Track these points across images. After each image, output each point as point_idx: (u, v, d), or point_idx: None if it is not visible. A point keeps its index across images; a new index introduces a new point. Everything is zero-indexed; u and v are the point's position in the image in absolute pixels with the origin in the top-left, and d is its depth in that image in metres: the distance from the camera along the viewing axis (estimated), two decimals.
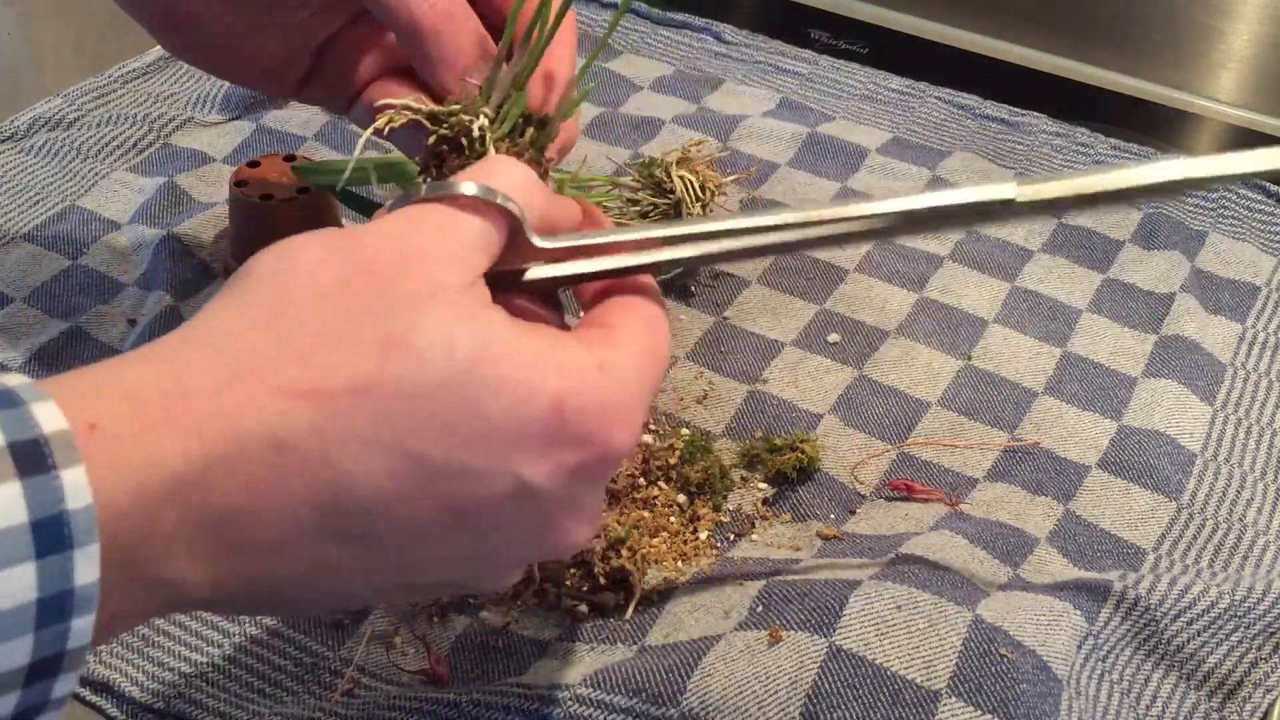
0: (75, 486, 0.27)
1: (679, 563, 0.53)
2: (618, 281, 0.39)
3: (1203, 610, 0.49)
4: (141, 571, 0.29)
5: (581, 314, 0.41)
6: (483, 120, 0.43)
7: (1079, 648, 0.47)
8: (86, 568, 0.27)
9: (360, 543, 0.32)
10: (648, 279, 0.40)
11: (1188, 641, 0.49)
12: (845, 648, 0.44)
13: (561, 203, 0.40)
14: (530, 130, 0.45)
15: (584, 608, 0.50)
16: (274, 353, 0.31)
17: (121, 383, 0.30)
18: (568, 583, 0.51)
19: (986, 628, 0.45)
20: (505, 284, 0.38)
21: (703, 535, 0.54)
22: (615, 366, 0.35)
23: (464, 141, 0.43)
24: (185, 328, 0.32)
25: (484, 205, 0.35)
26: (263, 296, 0.32)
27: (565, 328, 0.38)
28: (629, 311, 0.38)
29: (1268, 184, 0.76)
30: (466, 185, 0.35)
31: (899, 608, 0.45)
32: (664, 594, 0.51)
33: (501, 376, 0.32)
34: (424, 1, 0.44)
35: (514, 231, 0.37)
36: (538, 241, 0.37)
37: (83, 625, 0.28)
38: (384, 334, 0.31)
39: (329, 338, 0.31)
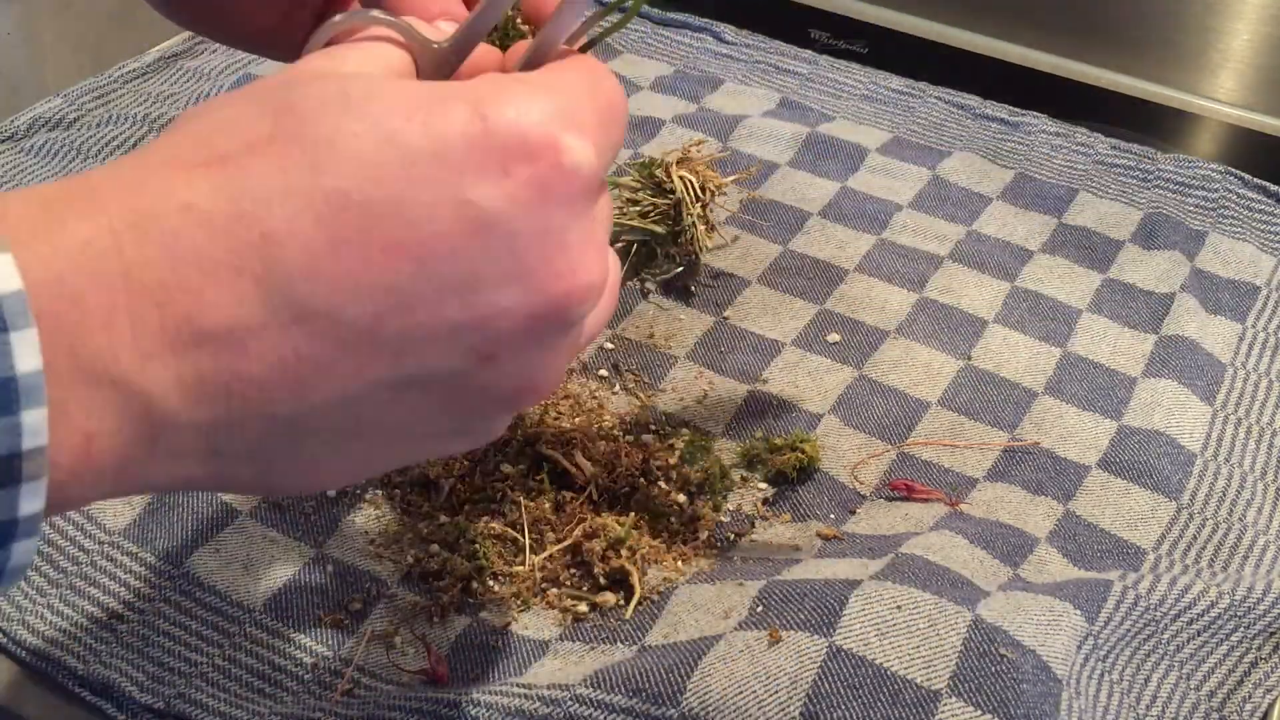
0: (1, 272, 0.25)
1: (679, 563, 0.53)
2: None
3: (1202, 610, 0.49)
4: (89, 366, 0.27)
5: None
6: None
7: (1079, 648, 0.47)
8: (26, 354, 0.25)
9: (322, 319, 0.29)
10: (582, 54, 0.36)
11: (1188, 641, 0.49)
12: (845, 648, 0.44)
13: None
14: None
15: (584, 607, 0.50)
16: (174, 141, 0.30)
17: (27, 190, 0.28)
18: (568, 583, 0.51)
19: (986, 627, 0.45)
20: None
21: (703, 535, 0.54)
22: (540, 81, 0.32)
23: None
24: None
25: (371, 29, 0.34)
26: (173, 123, 0.31)
27: None
28: (561, 60, 0.35)
29: (1268, 184, 0.76)
30: (353, 19, 0.35)
31: (899, 608, 0.45)
32: (664, 594, 0.51)
33: (410, 105, 0.29)
34: None
35: (416, 46, 0.35)
36: (429, 33, 0.35)
37: (34, 420, 0.26)
38: (277, 105, 0.30)
39: (225, 120, 0.30)
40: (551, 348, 0.33)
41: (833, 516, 0.55)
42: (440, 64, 0.36)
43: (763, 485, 0.56)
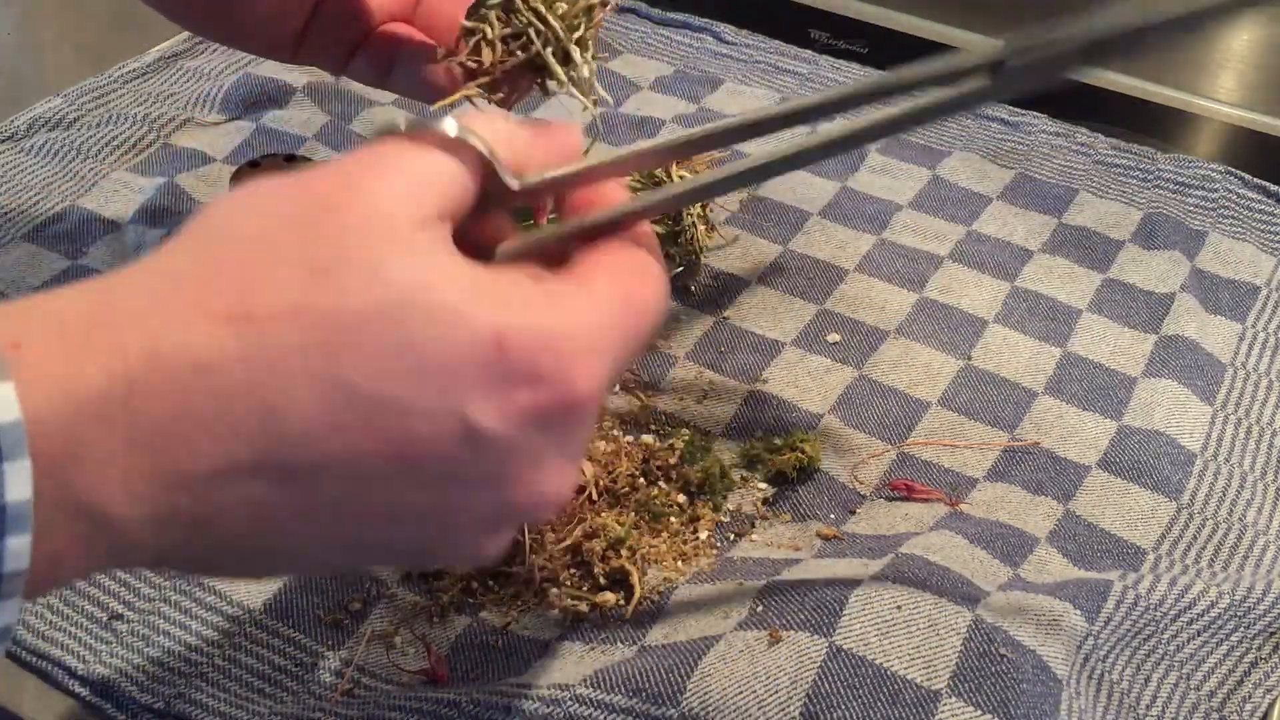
0: (2, 401, 0.26)
1: (679, 563, 0.53)
2: (607, 236, 0.36)
3: (1202, 610, 0.49)
4: (75, 499, 0.28)
5: None
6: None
7: (1079, 648, 0.47)
8: (18, 483, 0.26)
9: (300, 483, 0.30)
10: (644, 228, 0.36)
11: (1188, 642, 0.49)
12: (845, 648, 0.44)
13: (550, 132, 0.36)
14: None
15: (584, 607, 0.50)
16: (203, 278, 0.30)
17: (48, 306, 0.29)
18: (568, 583, 0.51)
19: (987, 627, 0.45)
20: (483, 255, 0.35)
21: (703, 535, 0.54)
22: (570, 301, 0.32)
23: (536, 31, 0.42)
24: (129, 264, 0.31)
25: (451, 143, 0.33)
26: (203, 228, 0.31)
27: None
28: (605, 255, 0.35)
29: (1268, 184, 0.76)
30: (443, 123, 0.33)
31: (899, 608, 0.45)
32: (664, 594, 0.51)
33: (435, 305, 0.30)
34: None
35: (488, 175, 0.34)
36: (511, 182, 0.34)
37: (18, 546, 0.27)
38: (313, 261, 0.30)
39: (258, 264, 0.30)
40: (501, 537, 0.35)
41: (833, 516, 0.55)
42: (505, 197, 0.35)
43: (763, 485, 0.56)
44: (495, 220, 0.36)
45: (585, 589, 0.51)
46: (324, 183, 0.31)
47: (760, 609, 0.47)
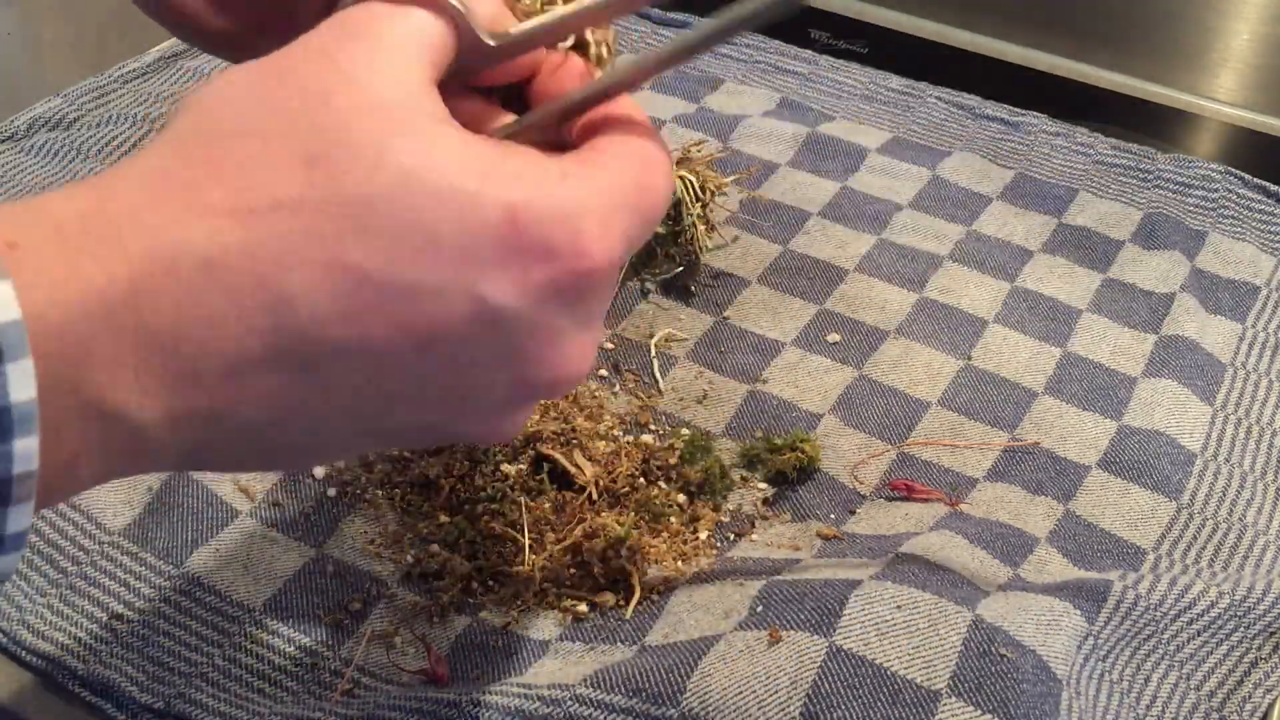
0: (1, 300, 0.25)
1: (679, 563, 0.53)
2: (605, 122, 0.35)
3: (1202, 611, 0.49)
4: (87, 400, 0.27)
5: None
6: None
7: (1079, 648, 0.47)
8: (21, 383, 0.26)
9: (316, 372, 0.30)
10: (639, 113, 0.35)
11: (1188, 642, 0.49)
12: (845, 648, 0.44)
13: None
14: None
15: (584, 607, 0.50)
16: (199, 174, 0.29)
17: (43, 208, 0.28)
18: (568, 583, 0.51)
19: (987, 627, 0.45)
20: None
21: (703, 535, 0.54)
22: (583, 176, 0.32)
23: None
24: (116, 163, 0.30)
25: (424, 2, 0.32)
26: (188, 124, 0.30)
27: None
28: (611, 143, 0.34)
29: (1268, 184, 0.76)
30: None
31: (899, 607, 0.45)
32: (664, 594, 0.51)
33: (446, 185, 0.29)
34: None
35: (463, 32, 0.33)
36: (487, 39, 0.34)
37: (26, 447, 0.26)
38: (309, 149, 0.29)
39: (253, 158, 0.29)
40: (523, 409, 0.35)
41: (833, 516, 0.55)
42: (486, 56, 0.34)
43: (763, 485, 0.56)
44: (474, 104, 0.35)
45: (585, 589, 0.51)
46: (307, 70, 0.30)
47: (760, 609, 0.47)
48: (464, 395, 0.32)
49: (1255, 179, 0.76)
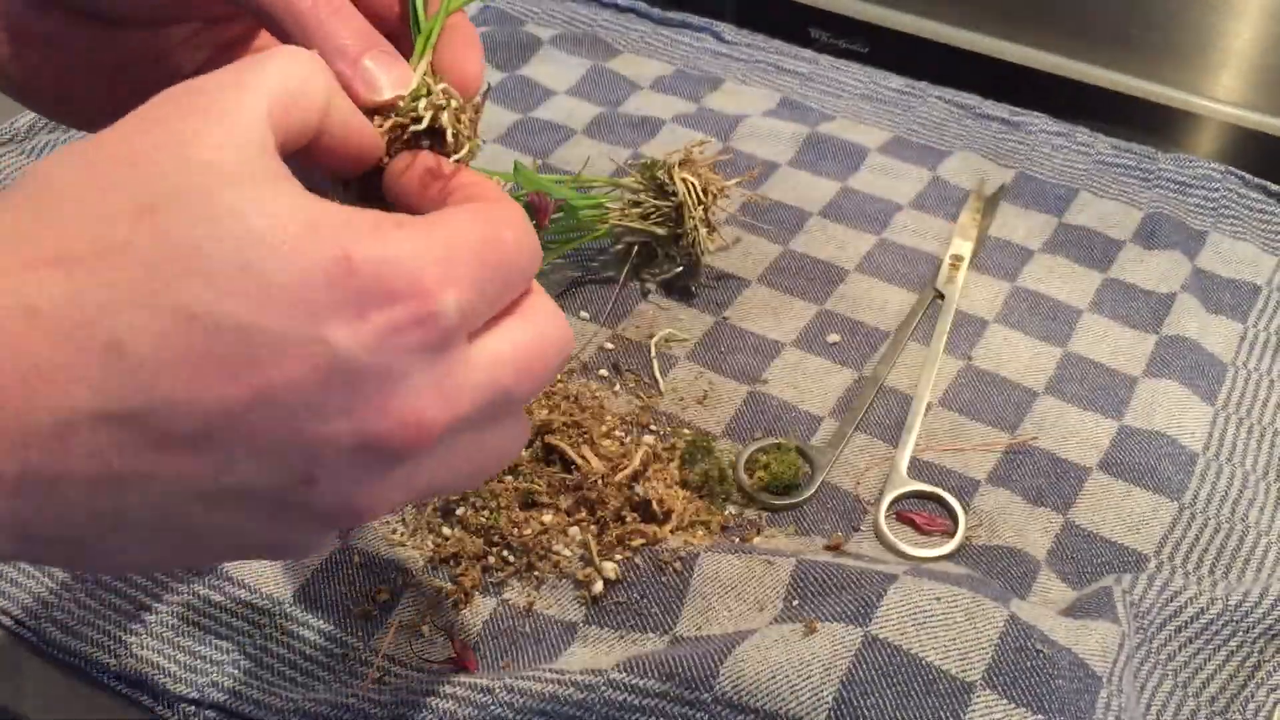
0: None
1: (697, 530, 0.53)
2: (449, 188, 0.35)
3: (1191, 617, 0.49)
4: None
5: None
6: (448, 106, 0.40)
7: (1120, 646, 0.47)
8: None
9: (149, 425, 0.29)
10: (490, 186, 0.35)
11: (1180, 649, 0.49)
12: (881, 637, 0.44)
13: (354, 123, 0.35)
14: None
15: (599, 585, 0.51)
16: (25, 229, 0.29)
17: None
18: (578, 538, 0.52)
19: (1022, 624, 0.45)
20: None
21: (712, 536, 0.54)
22: (420, 228, 0.31)
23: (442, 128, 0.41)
24: None
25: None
26: (22, 187, 0.30)
27: None
28: (456, 206, 0.34)
29: (1268, 184, 0.76)
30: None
31: (938, 599, 0.46)
32: (686, 562, 0.51)
33: (277, 230, 0.29)
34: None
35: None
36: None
37: None
38: (136, 201, 0.29)
39: (83, 210, 0.29)
40: (379, 477, 0.32)
41: (838, 534, 0.55)
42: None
43: (764, 495, 0.56)
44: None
45: (598, 548, 0.51)
46: (141, 133, 0.30)
47: (796, 602, 0.48)
48: (307, 450, 0.30)
49: (1256, 179, 0.76)
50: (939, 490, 0.56)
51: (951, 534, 0.54)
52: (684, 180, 0.63)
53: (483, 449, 0.34)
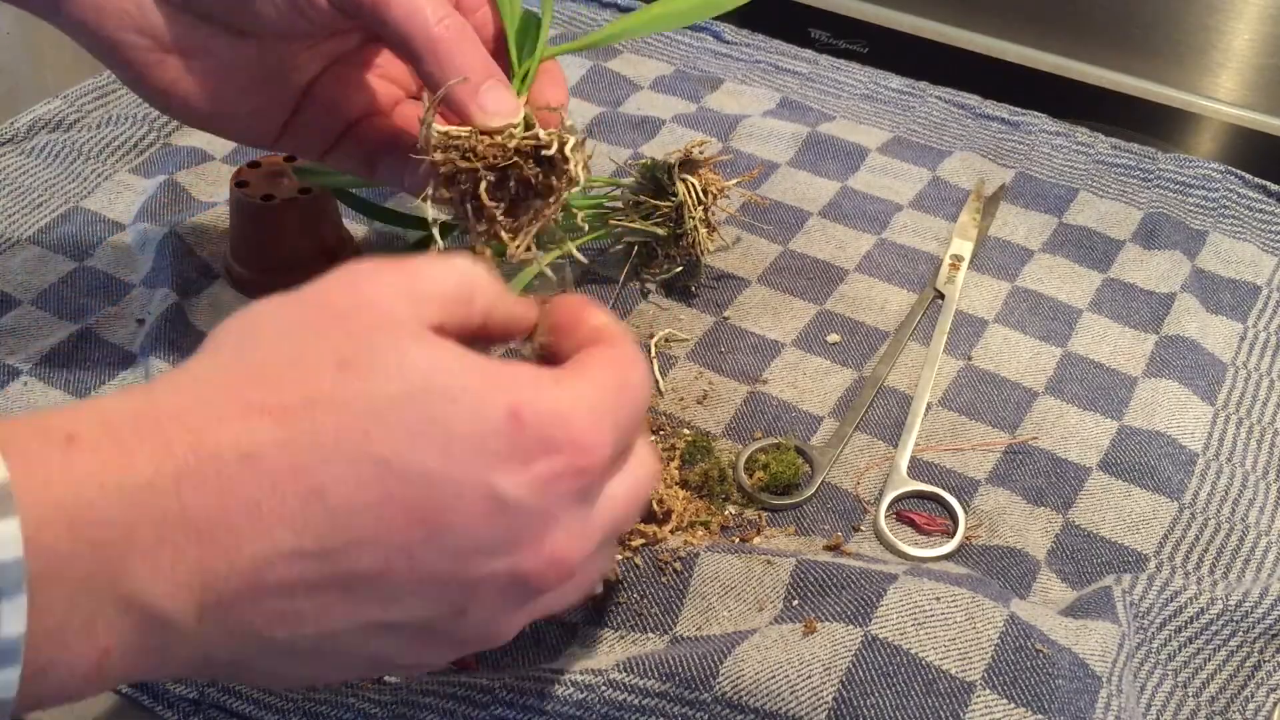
0: (6, 539, 0.27)
1: (697, 530, 0.53)
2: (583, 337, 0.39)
3: (1191, 617, 0.49)
4: (122, 591, 0.30)
5: None
6: (571, 139, 0.44)
7: (1120, 646, 0.47)
8: (14, 619, 0.28)
9: (336, 561, 0.32)
10: (614, 331, 0.39)
11: (1180, 649, 0.49)
12: (881, 636, 0.44)
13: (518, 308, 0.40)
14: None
15: (599, 586, 0.50)
16: (236, 377, 0.32)
17: (95, 407, 0.31)
18: None
19: (1022, 624, 0.45)
20: None
21: (712, 536, 0.54)
22: (571, 382, 0.35)
23: (543, 162, 0.44)
24: (164, 374, 0.34)
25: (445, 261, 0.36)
26: (228, 340, 0.34)
27: None
28: (594, 353, 0.38)
29: (1268, 184, 0.76)
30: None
31: (938, 599, 0.46)
32: (686, 561, 0.51)
33: (457, 387, 0.33)
34: (435, 20, 0.44)
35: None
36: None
37: (8, 678, 0.28)
38: (338, 355, 0.32)
39: (288, 363, 0.32)
40: (517, 608, 0.36)
41: (839, 534, 0.55)
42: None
43: (763, 495, 0.56)
44: None
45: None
46: (331, 292, 0.34)
47: (796, 602, 0.48)
48: (466, 584, 0.34)
49: (1255, 179, 0.76)
50: (939, 490, 0.56)
51: (951, 534, 0.54)
52: (684, 180, 0.63)
53: (588, 576, 0.38)
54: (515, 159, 0.46)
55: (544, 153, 0.46)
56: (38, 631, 0.28)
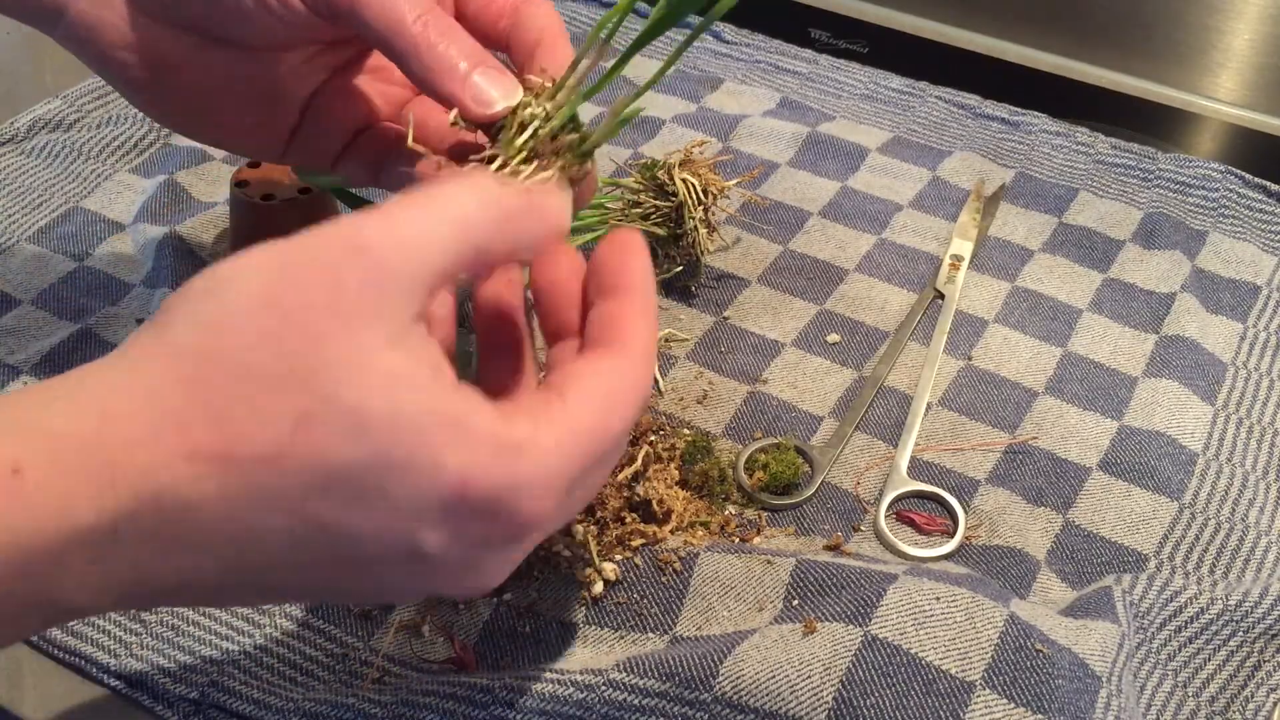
0: None
1: (697, 530, 0.53)
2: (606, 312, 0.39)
3: (1191, 617, 0.49)
4: (48, 599, 0.32)
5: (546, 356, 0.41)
6: (537, 110, 0.42)
7: (1120, 646, 0.47)
8: None
9: (250, 585, 0.34)
10: (634, 329, 0.38)
11: (1180, 649, 0.49)
12: (881, 636, 0.44)
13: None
14: (573, 136, 0.43)
15: (599, 586, 0.51)
16: (192, 412, 0.32)
17: (47, 427, 0.31)
18: (579, 538, 0.52)
19: (1022, 624, 0.45)
20: None
21: (712, 536, 0.54)
22: (537, 448, 0.34)
23: (514, 132, 0.42)
24: (114, 367, 0.33)
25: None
26: (191, 344, 0.32)
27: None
28: (591, 379, 0.37)
29: (1268, 184, 0.76)
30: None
31: (938, 599, 0.46)
32: (686, 561, 0.51)
33: (409, 459, 0.32)
34: (412, 17, 0.43)
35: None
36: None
37: None
38: (298, 406, 0.32)
39: (246, 402, 0.32)
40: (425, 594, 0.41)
41: (839, 533, 0.55)
42: None
43: (764, 495, 0.56)
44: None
45: (598, 548, 0.51)
46: (309, 292, 0.32)
47: (796, 602, 0.48)
48: (367, 593, 0.37)
49: (1255, 179, 0.76)
50: (939, 490, 0.56)
51: (951, 534, 0.54)
52: (684, 180, 0.63)
53: (500, 570, 0.39)
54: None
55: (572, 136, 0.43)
56: None
